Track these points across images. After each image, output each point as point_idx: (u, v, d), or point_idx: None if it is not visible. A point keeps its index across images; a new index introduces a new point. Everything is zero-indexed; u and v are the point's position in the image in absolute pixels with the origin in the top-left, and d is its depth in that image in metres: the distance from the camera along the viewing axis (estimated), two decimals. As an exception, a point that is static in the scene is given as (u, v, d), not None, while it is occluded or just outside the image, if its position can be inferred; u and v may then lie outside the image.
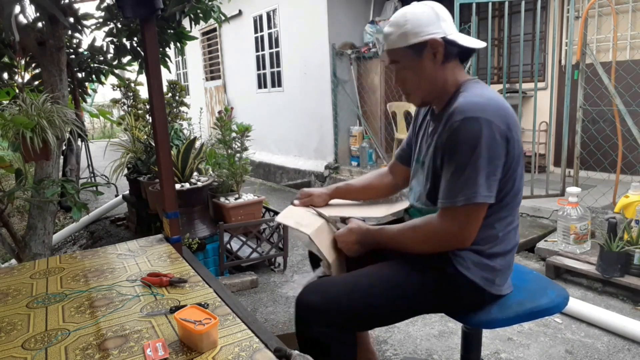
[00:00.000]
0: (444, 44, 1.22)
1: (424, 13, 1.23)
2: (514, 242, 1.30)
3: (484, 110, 1.14)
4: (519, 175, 1.23)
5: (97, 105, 9.11)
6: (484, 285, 1.24)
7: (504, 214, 1.24)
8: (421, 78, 1.26)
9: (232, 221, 2.84)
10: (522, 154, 1.24)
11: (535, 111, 3.55)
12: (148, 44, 1.75)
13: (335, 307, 1.18)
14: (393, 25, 1.25)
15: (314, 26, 5.62)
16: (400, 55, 1.26)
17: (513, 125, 1.17)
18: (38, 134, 2.09)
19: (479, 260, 1.24)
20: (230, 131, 3.03)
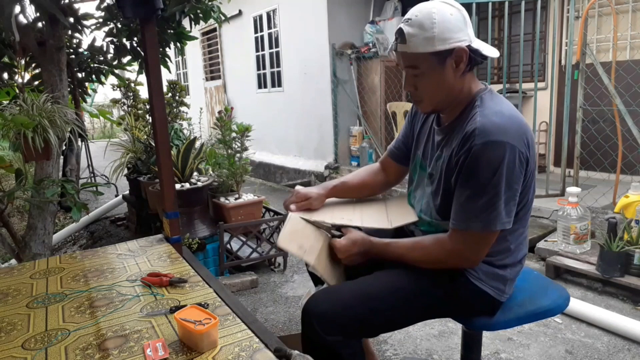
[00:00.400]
0: (469, 53, 1.14)
1: (453, 16, 1.12)
2: (524, 252, 1.31)
3: (506, 133, 1.08)
4: (532, 189, 1.21)
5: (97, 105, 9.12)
6: (494, 294, 1.24)
7: (516, 227, 1.22)
8: (439, 87, 1.17)
9: (232, 221, 2.84)
10: (537, 166, 1.22)
11: (535, 111, 3.55)
12: (148, 44, 1.75)
13: (344, 314, 1.16)
14: (417, 26, 1.11)
15: (314, 26, 5.61)
16: (420, 61, 1.15)
17: (531, 143, 1.14)
18: (39, 134, 2.10)
19: (491, 271, 1.23)
20: (230, 131, 3.03)
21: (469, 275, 1.22)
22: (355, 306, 1.17)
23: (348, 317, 1.16)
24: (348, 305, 1.17)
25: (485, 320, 1.28)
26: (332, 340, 1.15)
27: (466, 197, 1.13)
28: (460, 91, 1.20)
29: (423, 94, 1.21)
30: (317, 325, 1.14)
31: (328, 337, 1.14)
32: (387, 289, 1.22)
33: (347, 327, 1.16)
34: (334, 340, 1.15)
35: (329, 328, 1.14)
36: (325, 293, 1.23)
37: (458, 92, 1.20)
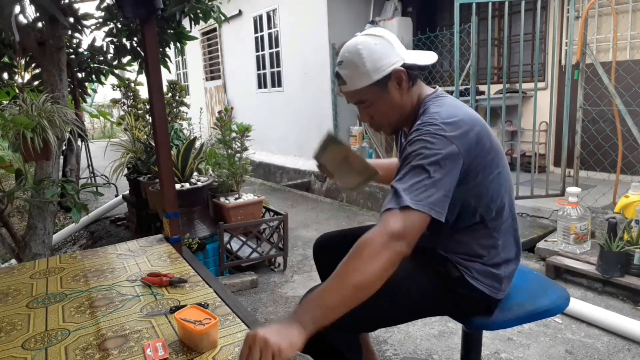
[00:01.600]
0: (406, 71, 1.19)
1: (378, 45, 1.17)
2: (516, 249, 1.29)
3: (439, 128, 1.09)
4: (496, 181, 1.18)
5: (97, 105, 9.12)
6: (490, 293, 1.24)
7: (498, 223, 1.23)
8: (391, 109, 1.23)
9: (232, 221, 2.84)
10: (498, 158, 1.18)
11: (535, 111, 3.55)
12: (148, 44, 1.75)
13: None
14: (349, 66, 1.18)
15: (314, 26, 5.62)
16: (365, 94, 1.20)
17: (474, 139, 1.11)
18: (39, 134, 2.09)
19: (485, 270, 1.23)
20: (230, 131, 3.03)
21: (465, 274, 1.22)
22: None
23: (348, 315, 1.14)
24: None
25: (484, 320, 1.28)
26: (327, 333, 1.11)
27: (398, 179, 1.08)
28: (411, 105, 1.25)
29: (380, 121, 1.27)
30: None
31: (324, 329, 1.11)
32: (385, 288, 1.18)
33: (341, 321, 1.09)
34: (329, 333, 1.12)
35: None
36: None
37: (410, 107, 1.25)
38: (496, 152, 1.18)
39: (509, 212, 1.26)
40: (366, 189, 5.11)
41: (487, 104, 3.70)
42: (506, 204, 1.24)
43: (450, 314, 1.33)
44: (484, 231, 1.22)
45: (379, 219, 1.04)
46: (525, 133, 4.62)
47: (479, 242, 1.23)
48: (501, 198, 1.21)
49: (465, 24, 4.06)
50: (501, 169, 1.21)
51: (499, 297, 1.26)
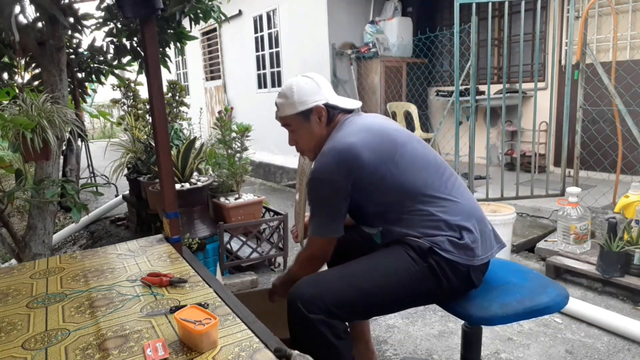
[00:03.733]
0: (326, 109, 1.45)
1: (307, 84, 1.46)
2: (465, 211, 1.36)
3: (318, 169, 1.35)
4: (397, 176, 1.34)
5: (97, 106, 9.12)
6: (466, 261, 1.30)
7: (421, 197, 1.34)
8: (310, 137, 1.48)
9: (232, 221, 2.84)
10: (395, 156, 1.35)
11: (535, 111, 3.55)
12: (148, 44, 1.75)
13: (327, 294, 1.24)
14: (282, 96, 1.48)
15: (314, 26, 5.62)
16: (291, 120, 1.48)
17: (356, 160, 1.32)
18: (38, 134, 2.09)
19: (450, 240, 1.30)
20: (230, 131, 3.02)
21: (436, 248, 1.29)
22: (337, 287, 1.27)
23: (330, 297, 1.24)
24: (331, 286, 1.27)
25: (483, 314, 1.28)
26: (314, 319, 1.21)
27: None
28: (329, 137, 1.47)
29: (302, 146, 1.53)
30: (300, 304, 1.22)
31: (310, 314, 1.20)
32: (368, 271, 1.32)
33: (329, 306, 1.23)
34: (316, 319, 1.21)
35: (312, 307, 1.21)
36: (311, 277, 1.34)
37: (327, 138, 1.47)
38: (385, 156, 1.35)
39: (430, 187, 1.35)
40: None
41: (487, 104, 3.71)
42: (419, 183, 1.35)
43: (438, 296, 1.36)
44: (416, 210, 1.34)
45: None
46: (525, 133, 4.62)
47: (424, 220, 1.33)
48: (405, 183, 1.34)
49: (465, 24, 4.07)
50: (392, 164, 1.35)
51: (476, 263, 1.31)
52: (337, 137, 1.41)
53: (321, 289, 1.25)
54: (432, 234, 1.31)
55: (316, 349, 1.20)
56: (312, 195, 1.39)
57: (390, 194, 1.35)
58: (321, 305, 1.21)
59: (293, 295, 1.26)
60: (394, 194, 1.35)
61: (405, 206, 1.35)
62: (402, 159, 1.36)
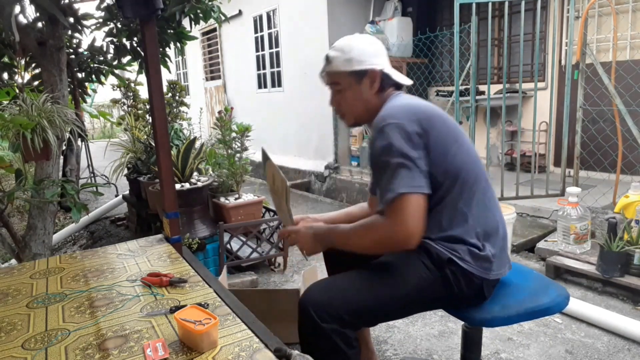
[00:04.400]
0: (381, 75, 1.37)
1: (370, 45, 1.38)
2: (494, 223, 1.32)
3: (388, 117, 1.25)
4: (459, 157, 1.27)
5: (97, 106, 9.12)
6: (481, 273, 1.27)
7: (467, 197, 1.28)
8: (356, 102, 1.39)
9: (232, 221, 2.84)
10: (458, 137, 1.30)
11: (535, 111, 3.55)
12: (148, 44, 1.75)
13: (340, 303, 1.20)
14: (339, 50, 1.37)
15: (314, 26, 5.61)
16: (341, 79, 1.38)
17: (427, 119, 1.25)
18: (38, 134, 2.10)
19: (471, 251, 1.27)
20: (230, 131, 3.03)
21: (454, 257, 1.25)
22: (350, 295, 1.23)
23: (343, 305, 1.20)
24: (344, 294, 1.23)
25: (484, 316, 1.28)
26: (327, 328, 1.18)
27: (377, 180, 1.30)
28: (376, 106, 1.38)
29: (345, 108, 1.42)
30: (313, 312, 1.18)
31: (323, 324, 1.17)
32: (381, 278, 1.28)
33: (343, 315, 1.19)
34: (329, 328, 1.18)
35: (325, 316, 1.18)
36: (323, 283, 1.30)
37: (375, 108, 1.38)
38: (452, 133, 1.29)
39: (475, 186, 1.30)
40: (366, 189, 5.12)
41: (487, 104, 3.70)
42: (469, 178, 1.29)
43: (447, 304, 1.34)
44: (451, 206, 1.27)
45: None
46: (525, 133, 4.62)
47: (457, 220, 1.27)
48: (458, 171, 1.27)
49: (465, 24, 4.06)
50: (455, 144, 1.28)
51: (491, 277, 1.29)
52: (398, 101, 1.33)
53: (334, 297, 1.21)
54: (456, 238, 1.26)
55: (327, 357, 1.18)
56: (382, 147, 1.22)
57: (444, 175, 1.25)
58: (334, 314, 1.18)
59: (305, 302, 1.21)
60: (448, 179, 1.26)
61: (447, 199, 1.26)
62: (463, 144, 1.30)
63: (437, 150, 1.24)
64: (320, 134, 5.92)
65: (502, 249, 1.33)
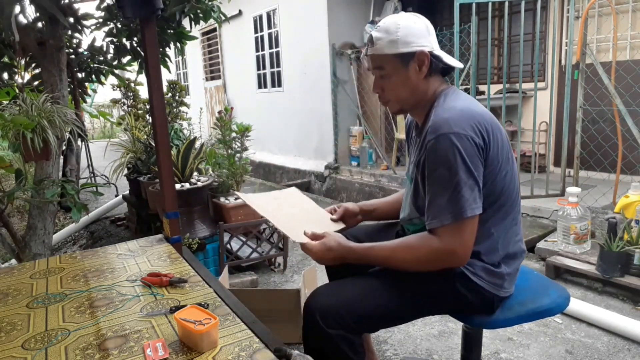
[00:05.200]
0: (430, 57, 1.23)
1: (416, 24, 1.23)
2: (517, 247, 1.30)
3: (455, 124, 1.14)
4: (508, 177, 1.22)
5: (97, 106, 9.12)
6: (491, 289, 1.24)
7: (499, 218, 1.24)
8: (403, 87, 1.27)
9: (232, 221, 2.84)
10: (510, 154, 1.22)
11: (535, 111, 3.55)
12: (148, 44, 1.75)
13: (346, 309, 1.18)
14: (383, 30, 1.24)
15: (314, 26, 5.62)
16: (385, 62, 1.25)
17: (489, 132, 1.17)
18: (38, 134, 2.09)
19: (487, 268, 1.24)
20: (230, 131, 3.03)
21: (467, 271, 1.22)
22: (357, 301, 1.20)
23: (350, 311, 1.18)
24: (350, 300, 1.20)
25: (485, 318, 1.28)
26: (333, 334, 1.16)
27: (432, 193, 1.17)
28: (425, 93, 1.28)
29: (390, 94, 1.30)
30: (319, 318, 1.16)
31: (329, 329, 1.15)
32: (388, 285, 1.25)
33: (348, 321, 1.17)
34: (335, 334, 1.16)
35: (331, 321, 1.16)
36: (329, 288, 1.28)
37: (422, 94, 1.28)
38: (506, 147, 1.22)
39: (510, 209, 1.25)
40: (366, 189, 5.12)
41: (487, 104, 3.70)
42: (507, 201, 1.24)
43: (452, 312, 1.33)
44: (480, 223, 1.20)
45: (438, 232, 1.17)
46: (525, 133, 4.61)
47: (480, 242, 1.22)
48: (501, 192, 1.22)
49: (465, 24, 4.06)
50: (508, 164, 1.22)
51: (502, 294, 1.26)
52: (458, 102, 1.21)
53: (341, 302, 1.18)
54: (475, 254, 1.21)
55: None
56: (445, 158, 1.12)
57: (488, 193, 1.19)
58: (340, 320, 1.16)
59: (311, 306, 1.20)
60: (491, 197, 1.20)
61: (481, 216, 1.17)
62: (514, 163, 1.24)
63: (492, 166, 1.18)
64: (320, 134, 5.92)
65: (517, 269, 1.31)
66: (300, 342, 2.03)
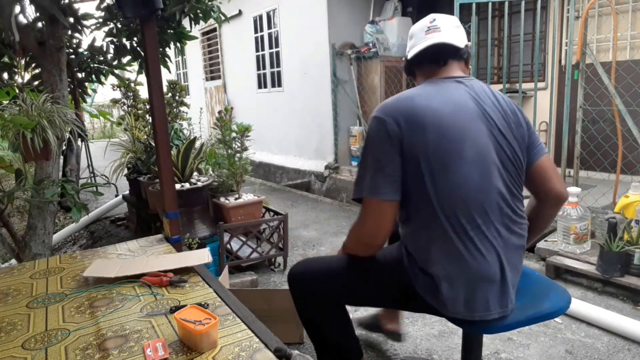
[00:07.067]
0: (406, 64, 1.37)
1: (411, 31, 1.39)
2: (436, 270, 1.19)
3: (381, 108, 1.20)
4: (427, 179, 1.15)
5: (97, 106, 9.12)
6: (423, 294, 1.25)
7: (421, 221, 1.21)
8: None
9: (232, 221, 2.84)
10: (431, 159, 1.15)
11: (535, 111, 3.55)
12: (148, 44, 1.75)
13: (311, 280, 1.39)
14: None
15: (314, 26, 5.61)
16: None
17: (409, 122, 1.15)
18: (38, 134, 2.09)
19: (417, 264, 1.25)
20: (230, 131, 3.02)
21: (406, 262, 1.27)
22: (318, 278, 1.40)
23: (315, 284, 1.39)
24: (314, 276, 1.41)
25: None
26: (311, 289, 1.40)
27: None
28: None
29: None
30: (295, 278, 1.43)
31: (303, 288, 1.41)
32: (347, 266, 1.39)
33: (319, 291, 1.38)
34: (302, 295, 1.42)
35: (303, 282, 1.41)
36: (306, 261, 1.50)
37: None
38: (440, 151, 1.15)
39: (431, 221, 1.18)
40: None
41: (487, 104, 3.70)
42: (427, 208, 1.17)
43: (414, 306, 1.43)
44: (411, 229, 1.24)
45: None
46: (525, 133, 4.60)
47: (410, 240, 1.26)
48: (413, 193, 1.18)
49: (465, 24, 4.05)
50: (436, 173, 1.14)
51: (442, 311, 1.25)
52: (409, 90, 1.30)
53: (308, 273, 1.41)
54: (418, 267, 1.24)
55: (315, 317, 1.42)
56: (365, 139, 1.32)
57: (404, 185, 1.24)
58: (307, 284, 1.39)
59: (291, 270, 1.44)
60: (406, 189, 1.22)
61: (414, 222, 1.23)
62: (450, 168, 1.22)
63: (405, 163, 1.16)
64: (320, 134, 5.92)
65: (451, 280, 1.19)
66: (300, 342, 2.04)
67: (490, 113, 1.22)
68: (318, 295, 1.37)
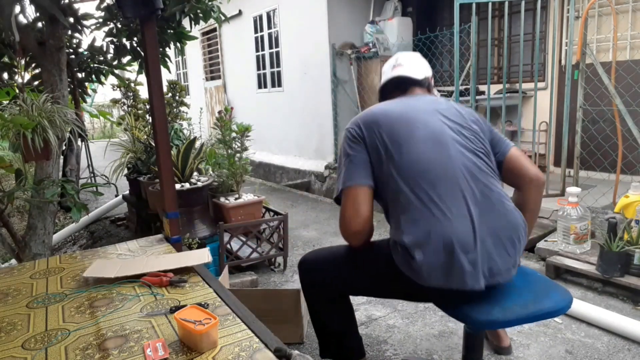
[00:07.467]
0: (379, 92, 1.70)
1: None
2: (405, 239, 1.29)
3: (350, 121, 1.49)
4: (387, 161, 1.36)
5: (97, 105, 9.12)
6: (402, 268, 1.32)
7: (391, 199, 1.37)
8: None
9: (232, 221, 2.84)
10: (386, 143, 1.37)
11: (535, 111, 3.55)
12: (148, 44, 1.75)
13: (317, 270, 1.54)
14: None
15: (314, 26, 5.62)
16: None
17: (368, 127, 1.42)
18: (39, 134, 2.09)
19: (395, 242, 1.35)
20: (230, 131, 3.03)
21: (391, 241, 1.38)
22: (323, 267, 1.53)
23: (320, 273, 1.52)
24: (320, 264, 1.54)
25: (485, 318, 1.27)
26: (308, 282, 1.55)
27: None
28: None
29: None
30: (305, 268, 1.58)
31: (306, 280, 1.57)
32: (345, 257, 1.51)
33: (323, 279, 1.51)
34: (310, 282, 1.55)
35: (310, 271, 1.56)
36: (317, 250, 1.66)
37: None
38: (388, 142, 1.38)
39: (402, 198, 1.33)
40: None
41: (487, 104, 3.70)
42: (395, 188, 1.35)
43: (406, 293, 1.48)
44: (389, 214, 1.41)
45: None
46: (525, 133, 4.61)
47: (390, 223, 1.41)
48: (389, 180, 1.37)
49: (465, 24, 4.06)
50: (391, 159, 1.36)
51: (420, 282, 1.29)
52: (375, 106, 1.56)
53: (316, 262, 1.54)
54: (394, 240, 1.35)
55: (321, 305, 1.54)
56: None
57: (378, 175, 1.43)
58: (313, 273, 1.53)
59: (300, 262, 1.59)
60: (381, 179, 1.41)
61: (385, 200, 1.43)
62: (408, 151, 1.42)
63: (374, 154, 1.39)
64: (320, 134, 5.92)
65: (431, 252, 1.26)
66: (301, 342, 2.05)
67: (444, 111, 1.45)
68: (324, 284, 1.50)
